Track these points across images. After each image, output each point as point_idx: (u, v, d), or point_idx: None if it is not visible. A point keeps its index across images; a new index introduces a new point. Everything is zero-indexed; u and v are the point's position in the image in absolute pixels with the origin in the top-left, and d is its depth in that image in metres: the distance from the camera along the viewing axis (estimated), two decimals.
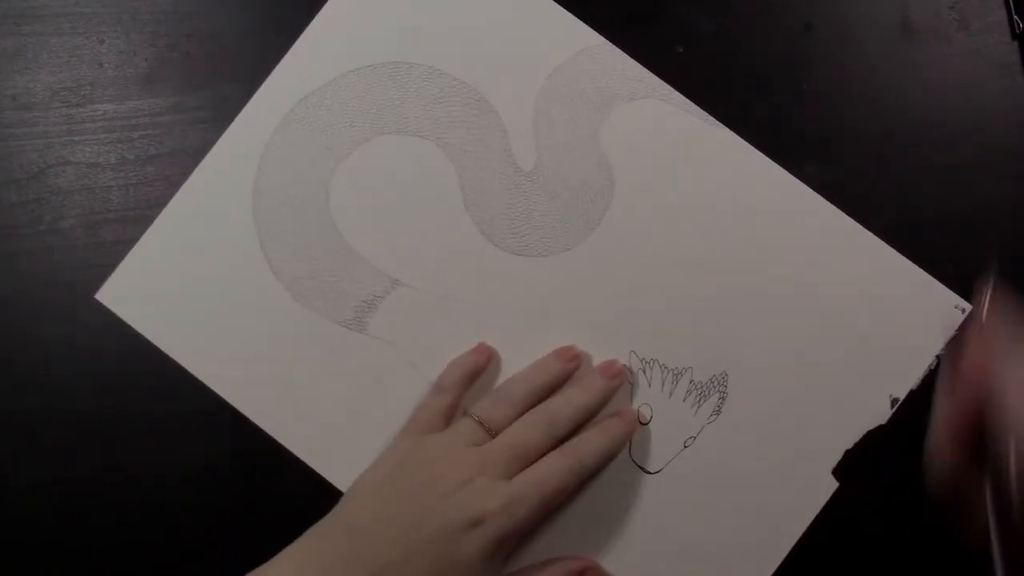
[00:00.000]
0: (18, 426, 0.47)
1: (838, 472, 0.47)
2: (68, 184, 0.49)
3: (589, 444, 0.45)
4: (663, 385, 0.48)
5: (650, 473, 0.48)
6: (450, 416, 0.46)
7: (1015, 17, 0.50)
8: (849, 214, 0.49)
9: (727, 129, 0.49)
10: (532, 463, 0.44)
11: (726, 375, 0.48)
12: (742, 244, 0.49)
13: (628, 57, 0.50)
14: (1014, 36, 0.50)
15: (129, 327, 0.48)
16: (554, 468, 0.43)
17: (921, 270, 0.48)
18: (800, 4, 0.51)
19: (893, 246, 0.49)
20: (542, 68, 0.50)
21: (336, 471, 0.47)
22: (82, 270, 0.48)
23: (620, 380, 0.47)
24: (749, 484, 0.48)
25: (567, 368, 0.47)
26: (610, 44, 0.50)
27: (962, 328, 0.47)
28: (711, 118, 0.49)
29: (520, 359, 0.48)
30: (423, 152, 0.49)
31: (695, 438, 0.48)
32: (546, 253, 0.49)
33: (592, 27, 0.50)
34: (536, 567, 0.45)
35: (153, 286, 0.48)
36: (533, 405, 0.45)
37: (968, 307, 0.48)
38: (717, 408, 0.48)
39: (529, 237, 0.49)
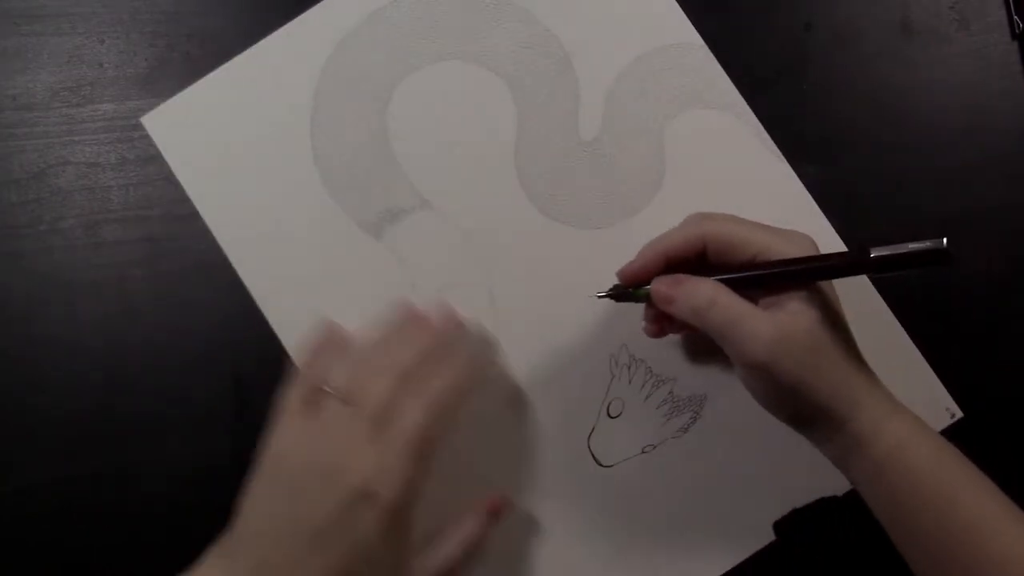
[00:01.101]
0: (18, 426, 0.47)
1: (779, 526, 0.47)
2: (68, 184, 0.49)
3: (439, 385, 0.43)
4: (642, 387, 0.48)
5: (602, 466, 0.48)
6: (314, 398, 0.44)
7: (1015, 17, 0.50)
8: (848, 214, 0.49)
9: (789, 166, 0.49)
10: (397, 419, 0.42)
11: (705, 398, 0.48)
12: None
13: (720, 67, 0.49)
14: (1014, 36, 0.50)
15: (129, 325, 0.48)
16: (418, 421, 0.42)
17: (926, 363, 0.48)
18: (800, 4, 0.51)
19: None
20: (634, 47, 0.50)
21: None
22: (82, 270, 0.48)
23: (456, 323, 0.46)
24: (691, 508, 0.48)
25: (426, 341, 0.45)
26: (707, 49, 0.49)
27: None
28: (777, 150, 0.49)
29: (519, 315, 0.48)
30: (493, 89, 0.49)
31: (655, 447, 0.48)
32: (577, 225, 0.49)
33: None
34: (454, 524, 0.45)
35: (199, 129, 0.49)
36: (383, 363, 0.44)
37: (958, 413, 0.48)
38: (686, 427, 0.48)
39: (566, 205, 0.49)
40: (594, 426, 0.48)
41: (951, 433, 0.47)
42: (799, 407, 0.40)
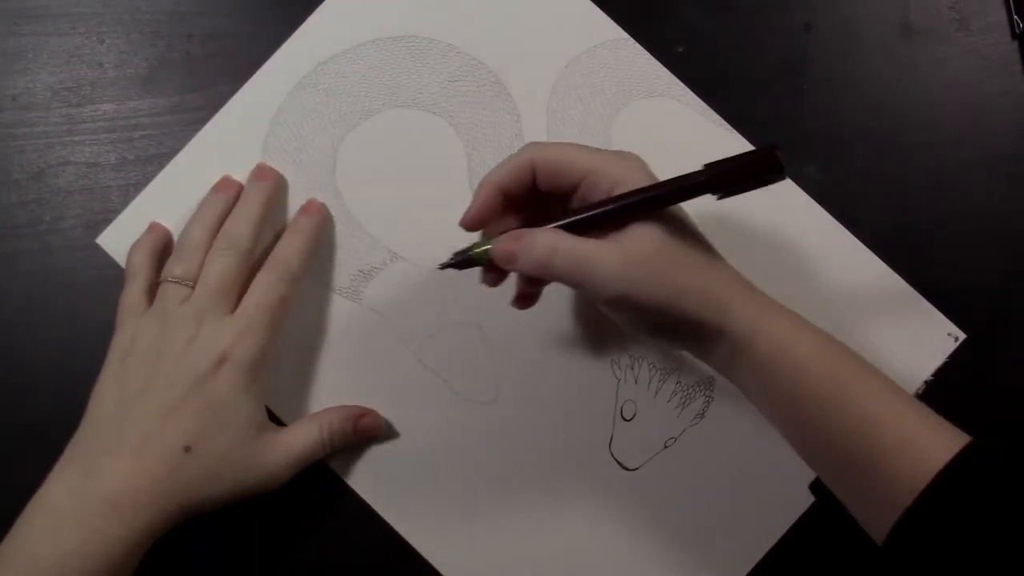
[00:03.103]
0: (19, 426, 0.47)
1: (815, 487, 0.47)
2: (68, 184, 0.49)
3: (287, 249, 0.46)
4: (650, 383, 0.48)
5: (628, 470, 0.48)
6: (152, 295, 0.46)
7: (1015, 17, 0.50)
8: (848, 214, 0.49)
9: (739, 135, 0.49)
10: (243, 289, 0.45)
11: (713, 380, 0.48)
12: (740, 251, 0.48)
13: (648, 54, 0.50)
14: (1014, 36, 0.50)
15: None
16: (267, 285, 0.45)
17: (919, 294, 0.48)
18: (800, 4, 0.51)
19: (892, 246, 0.49)
20: (561, 56, 0.50)
21: None
22: (82, 270, 0.49)
23: (269, 178, 0.47)
24: (726, 490, 0.48)
25: (227, 197, 0.47)
26: (632, 40, 0.49)
27: None
28: (725, 123, 0.49)
29: (512, 344, 0.48)
30: (434, 129, 0.49)
31: (676, 439, 0.48)
32: None
33: None
34: (320, 413, 0.47)
35: None
36: (219, 244, 0.46)
37: (960, 335, 0.48)
38: (701, 412, 0.48)
39: None
40: (612, 433, 0.48)
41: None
42: (671, 327, 0.40)
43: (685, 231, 0.40)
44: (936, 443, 0.36)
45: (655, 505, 0.48)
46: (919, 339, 0.48)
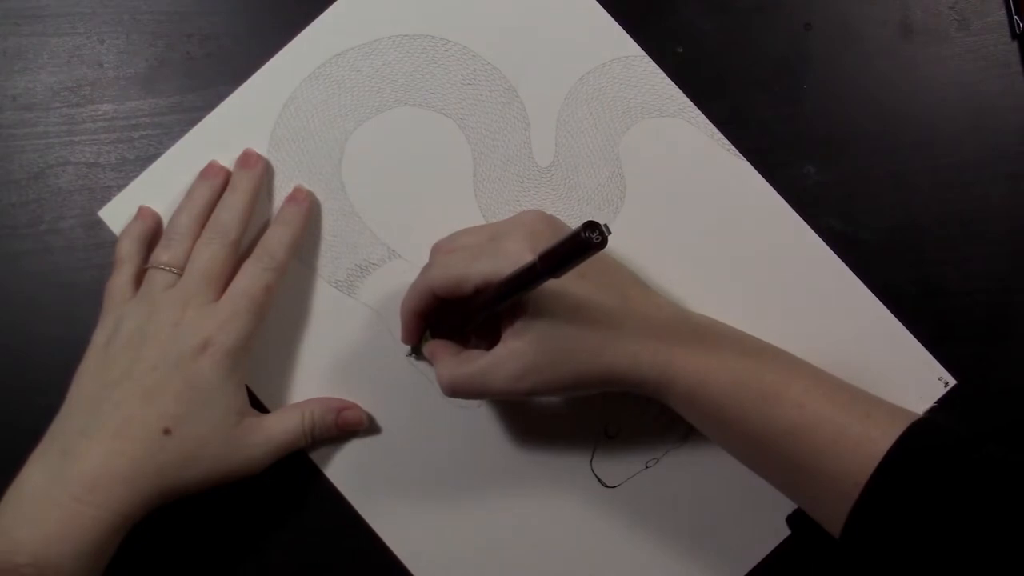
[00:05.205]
0: (19, 426, 0.47)
1: (792, 520, 0.46)
2: (68, 184, 0.49)
3: (275, 239, 0.46)
4: (635, 403, 0.47)
5: (607, 487, 0.48)
6: (139, 283, 0.46)
7: (1015, 17, 0.50)
8: (848, 214, 0.49)
9: (746, 161, 0.49)
10: (229, 278, 0.45)
11: None
12: (739, 280, 0.48)
13: (663, 74, 0.49)
14: (1014, 36, 0.50)
15: None
16: (253, 273, 0.45)
17: (912, 337, 0.48)
18: (800, 4, 0.51)
19: (892, 246, 0.49)
20: (576, 69, 0.49)
21: None
22: (82, 270, 0.49)
23: (257, 166, 0.48)
24: (703, 515, 0.48)
25: (215, 184, 0.47)
26: (648, 58, 0.49)
27: None
28: (733, 148, 0.49)
29: None
30: (443, 130, 0.49)
31: (658, 460, 0.48)
32: None
33: None
34: (301, 403, 0.47)
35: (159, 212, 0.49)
36: (207, 233, 0.46)
37: (951, 380, 0.48)
38: (685, 435, 0.48)
39: None
40: (594, 450, 0.48)
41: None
42: (592, 389, 0.41)
43: (576, 311, 0.40)
44: (871, 433, 0.37)
45: (631, 524, 0.47)
46: (909, 383, 0.47)
